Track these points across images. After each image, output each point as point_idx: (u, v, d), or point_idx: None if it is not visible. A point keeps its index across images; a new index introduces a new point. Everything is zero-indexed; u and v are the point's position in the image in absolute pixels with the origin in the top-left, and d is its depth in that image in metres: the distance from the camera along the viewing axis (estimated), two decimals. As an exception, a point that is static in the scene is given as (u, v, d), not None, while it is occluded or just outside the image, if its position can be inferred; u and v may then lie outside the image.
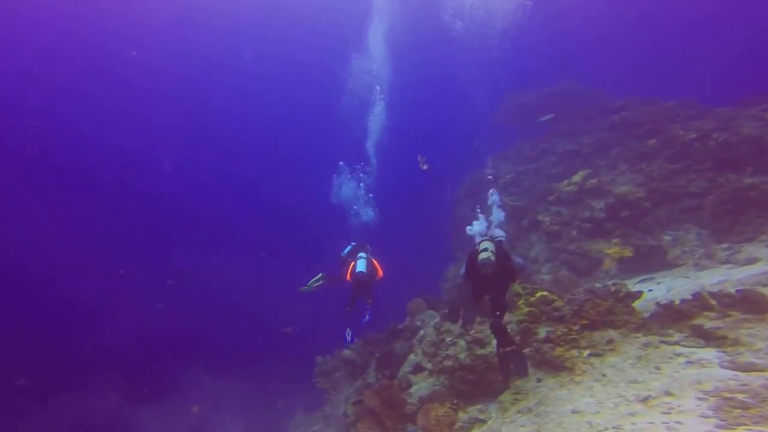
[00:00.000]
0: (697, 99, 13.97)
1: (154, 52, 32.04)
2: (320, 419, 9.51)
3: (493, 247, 5.49)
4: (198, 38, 33.05)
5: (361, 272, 8.36)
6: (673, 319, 5.86)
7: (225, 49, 34.83)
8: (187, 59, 34.47)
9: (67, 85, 31.27)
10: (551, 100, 18.42)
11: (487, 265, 5.29)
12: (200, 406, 11.96)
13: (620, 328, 6.16)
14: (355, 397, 8.74)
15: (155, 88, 34.47)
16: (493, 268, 5.31)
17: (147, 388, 13.28)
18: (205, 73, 36.39)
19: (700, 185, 11.07)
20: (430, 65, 33.07)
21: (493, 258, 5.31)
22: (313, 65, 36.42)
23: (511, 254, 5.75)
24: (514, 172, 16.63)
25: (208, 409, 12.02)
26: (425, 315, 9.45)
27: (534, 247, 12.85)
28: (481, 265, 5.32)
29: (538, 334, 6.58)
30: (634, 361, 5.47)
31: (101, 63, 31.51)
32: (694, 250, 9.87)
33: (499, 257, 5.41)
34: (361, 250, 9.01)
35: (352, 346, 9.82)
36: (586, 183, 12.56)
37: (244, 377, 13.59)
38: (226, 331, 19.96)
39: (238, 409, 11.95)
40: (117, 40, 30.61)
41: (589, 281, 10.55)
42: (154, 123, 36.08)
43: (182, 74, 35.61)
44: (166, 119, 36.80)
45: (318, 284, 9.57)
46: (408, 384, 7.71)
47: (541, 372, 6.00)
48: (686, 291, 7.26)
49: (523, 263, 5.95)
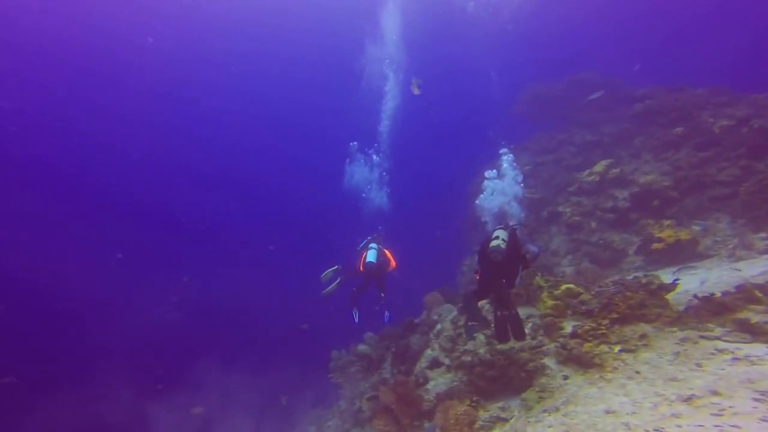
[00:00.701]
0: (729, 86, 13.11)
1: (162, 40, 31.48)
2: (335, 414, 9.17)
3: (506, 235, 5.46)
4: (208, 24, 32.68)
5: (371, 262, 8.03)
6: (714, 313, 5.33)
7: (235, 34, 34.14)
8: (198, 45, 33.84)
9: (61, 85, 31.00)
10: (570, 90, 17.68)
11: (496, 252, 5.26)
12: (205, 406, 11.74)
13: (653, 322, 5.64)
14: (370, 392, 8.40)
15: (160, 75, 34.01)
16: (502, 256, 5.27)
17: (160, 385, 13.12)
18: (209, 61, 35.62)
19: (731, 173, 10.36)
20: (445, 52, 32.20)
21: (503, 246, 5.28)
22: (328, 51, 35.57)
23: (527, 242, 5.69)
24: (532, 164, 16.05)
25: (220, 405, 11.81)
26: (442, 309, 9.04)
27: (554, 239, 12.29)
28: (491, 252, 5.30)
29: (564, 328, 6.10)
30: (672, 358, 4.96)
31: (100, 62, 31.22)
32: (726, 240, 9.20)
33: (510, 245, 5.37)
34: (375, 241, 8.63)
35: (367, 341, 9.47)
36: (609, 172, 11.93)
37: (258, 373, 13.38)
38: (242, 327, 19.83)
39: (250, 404, 11.71)
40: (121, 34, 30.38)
41: (613, 273, 10.02)
42: (159, 111, 35.82)
43: (190, 59, 34.81)
44: (173, 110, 36.54)
45: (336, 283, 9.17)
46: (425, 380, 7.31)
47: (568, 369, 5.52)
48: (724, 283, 6.68)
49: (538, 251, 5.75)
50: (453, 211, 19.78)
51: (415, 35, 18.70)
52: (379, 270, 8.15)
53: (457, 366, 7.07)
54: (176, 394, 12.26)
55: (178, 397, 12.18)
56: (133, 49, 30.75)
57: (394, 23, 15.88)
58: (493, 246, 5.31)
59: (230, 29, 32.38)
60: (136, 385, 13.45)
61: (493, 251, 5.28)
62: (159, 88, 34.53)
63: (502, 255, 5.25)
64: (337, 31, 31.54)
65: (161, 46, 31.10)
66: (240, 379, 12.68)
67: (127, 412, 12.02)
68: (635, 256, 10.17)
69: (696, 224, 10.34)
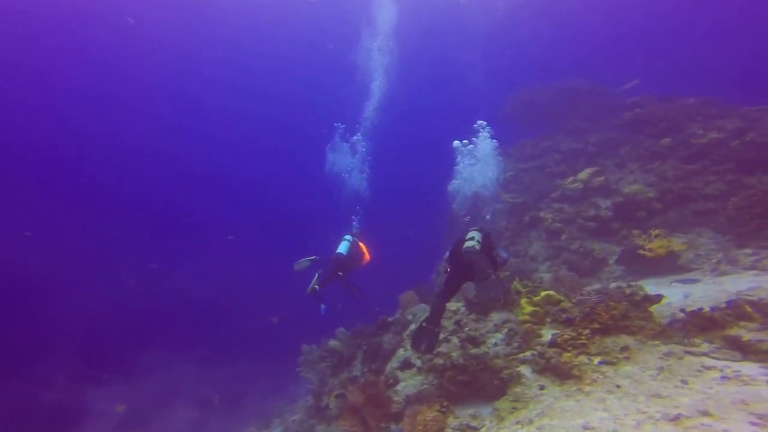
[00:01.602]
0: (721, 98, 12.97)
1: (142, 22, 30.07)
2: (301, 409, 8.68)
3: (480, 236, 5.43)
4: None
5: (340, 254, 7.58)
6: (701, 328, 5.00)
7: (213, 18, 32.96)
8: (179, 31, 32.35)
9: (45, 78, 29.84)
10: (558, 96, 17.48)
11: (470, 253, 5.20)
12: (148, 397, 11.09)
13: (636, 334, 5.30)
14: (338, 389, 7.93)
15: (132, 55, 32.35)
16: (475, 257, 5.17)
17: (106, 374, 12.37)
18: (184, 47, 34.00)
19: (718, 187, 10.20)
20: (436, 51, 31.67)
21: (477, 247, 5.25)
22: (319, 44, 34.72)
23: (498, 246, 5.69)
24: (516, 170, 15.78)
25: (165, 397, 11.17)
26: (417, 308, 8.62)
27: (533, 245, 11.98)
28: (465, 253, 5.25)
29: (542, 336, 5.72)
30: (655, 373, 4.61)
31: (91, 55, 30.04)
32: (709, 255, 8.99)
33: (484, 247, 5.35)
34: (352, 234, 8.18)
35: (339, 336, 9.00)
36: (593, 181, 11.68)
37: (217, 365, 12.78)
38: (209, 318, 19.12)
39: (199, 397, 11.11)
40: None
41: (591, 282, 9.73)
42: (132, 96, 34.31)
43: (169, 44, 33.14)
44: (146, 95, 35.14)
45: (309, 262, 8.65)
46: (395, 380, 6.87)
47: (545, 379, 5.13)
48: (709, 297, 6.41)
49: (507, 257, 5.76)
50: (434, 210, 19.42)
51: (408, 28, 18.20)
52: (350, 263, 7.72)
53: (428, 369, 6.64)
54: (121, 384, 11.58)
55: (121, 386, 11.49)
56: (107, 31, 29.43)
57: (386, 15, 15.38)
58: (467, 246, 5.27)
59: (210, 15, 31.30)
60: (79, 372, 12.69)
61: (467, 252, 5.23)
62: (134, 71, 33.10)
63: (475, 256, 5.16)
64: (330, 27, 30.85)
65: (140, 30, 29.82)
66: (194, 370, 12.06)
67: (62, 401, 11.26)
68: (615, 266, 9.91)
69: (677, 237, 10.14)
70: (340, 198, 10.75)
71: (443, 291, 5.60)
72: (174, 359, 12.62)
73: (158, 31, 30.51)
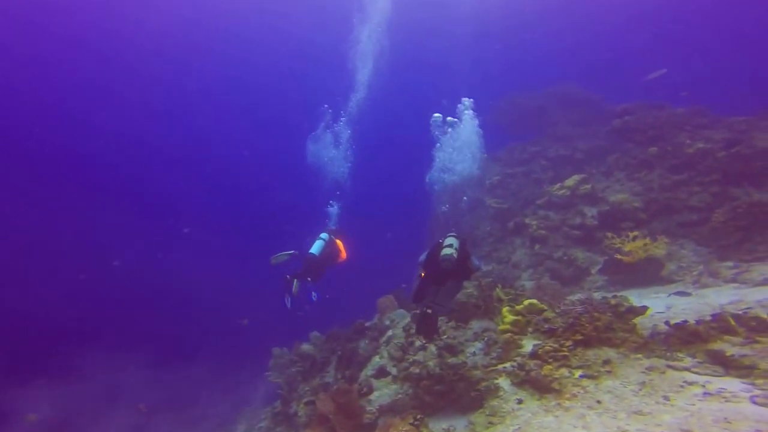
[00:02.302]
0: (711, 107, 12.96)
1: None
2: (269, 415, 8.33)
3: (458, 244, 5.44)
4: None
5: (312, 255, 7.30)
6: (685, 342, 4.84)
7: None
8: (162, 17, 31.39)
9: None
10: (548, 101, 17.43)
11: (448, 260, 5.21)
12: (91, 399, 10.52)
13: (618, 347, 5.11)
14: (309, 396, 7.62)
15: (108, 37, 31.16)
16: (452, 265, 5.24)
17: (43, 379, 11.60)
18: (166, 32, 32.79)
19: (703, 199, 10.13)
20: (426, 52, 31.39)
21: (455, 255, 5.26)
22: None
23: (472, 254, 5.70)
24: (502, 175, 15.65)
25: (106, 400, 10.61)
26: (396, 314, 8.36)
27: (517, 251, 11.83)
28: (442, 260, 5.24)
29: (523, 347, 5.50)
30: (636, 388, 4.42)
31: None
32: (691, 267, 8.91)
33: (460, 255, 5.36)
34: (328, 231, 7.89)
35: (313, 340, 8.69)
36: (580, 188, 11.57)
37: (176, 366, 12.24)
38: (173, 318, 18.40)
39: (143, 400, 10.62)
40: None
41: (574, 291, 9.59)
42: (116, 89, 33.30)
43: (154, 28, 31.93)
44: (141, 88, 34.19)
45: (287, 256, 8.30)
46: (369, 389, 6.59)
47: (524, 392, 4.90)
48: (692, 310, 6.27)
49: (480, 265, 5.82)
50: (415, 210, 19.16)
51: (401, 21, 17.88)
52: (323, 264, 7.45)
53: (404, 377, 6.38)
54: (54, 387, 10.94)
55: (54, 390, 10.86)
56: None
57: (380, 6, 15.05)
58: (445, 254, 5.26)
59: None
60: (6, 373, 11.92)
61: (445, 259, 5.23)
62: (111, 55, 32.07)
63: (452, 264, 5.21)
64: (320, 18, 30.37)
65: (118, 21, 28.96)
66: (145, 373, 11.53)
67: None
68: (598, 276, 9.79)
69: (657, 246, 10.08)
70: (320, 188, 10.43)
71: (415, 295, 5.58)
72: (122, 360, 12.03)
73: (133, 17, 29.72)
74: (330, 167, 10.77)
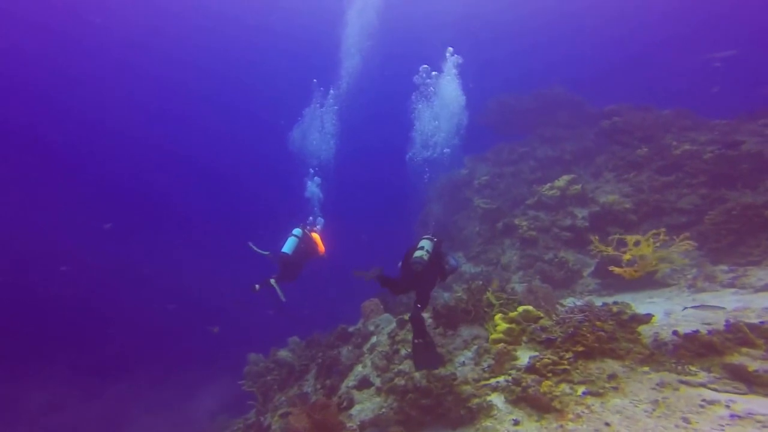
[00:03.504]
0: (695, 110, 12.70)
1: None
2: (241, 427, 7.62)
3: (430, 246, 5.53)
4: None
5: (284, 254, 6.74)
6: (697, 354, 4.31)
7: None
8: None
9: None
10: (538, 103, 17.00)
11: (418, 263, 5.32)
12: None
13: (623, 359, 4.57)
14: (285, 407, 6.95)
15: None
16: (423, 267, 5.33)
17: None
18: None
19: (691, 201, 9.76)
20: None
21: (426, 257, 5.36)
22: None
23: (448, 255, 5.85)
24: (490, 175, 15.17)
25: None
26: (381, 319, 7.73)
27: (506, 252, 11.32)
28: (413, 263, 5.35)
29: (518, 359, 4.91)
30: (650, 407, 3.86)
31: None
32: (684, 270, 8.49)
33: (433, 256, 5.47)
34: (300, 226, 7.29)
35: (291, 346, 8.01)
36: (570, 188, 11.10)
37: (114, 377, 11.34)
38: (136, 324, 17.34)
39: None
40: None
41: (565, 294, 9.11)
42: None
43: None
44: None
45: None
46: (350, 403, 5.96)
47: (520, 411, 4.32)
48: (694, 317, 5.77)
49: (456, 265, 5.96)
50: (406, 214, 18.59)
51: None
52: (299, 262, 6.86)
53: (388, 390, 5.76)
54: None
55: None
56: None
57: None
58: (416, 257, 5.34)
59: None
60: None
61: (415, 262, 5.31)
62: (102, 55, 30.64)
63: (423, 266, 5.30)
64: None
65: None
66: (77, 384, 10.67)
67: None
68: (590, 279, 9.32)
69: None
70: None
71: (393, 281, 5.63)
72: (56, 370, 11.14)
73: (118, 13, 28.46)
74: (314, 146, 10.26)
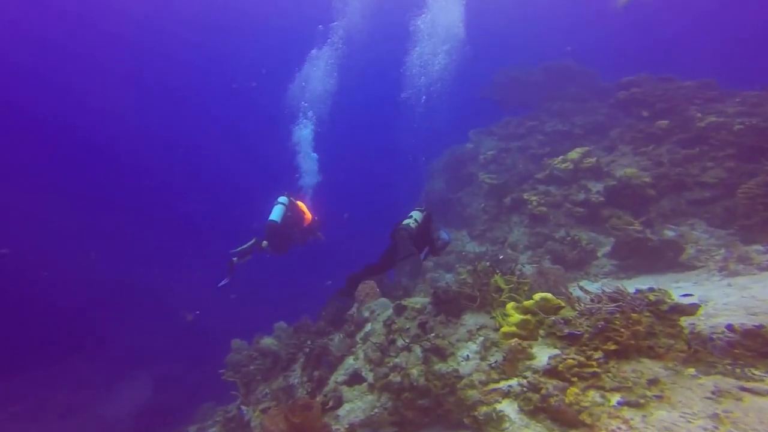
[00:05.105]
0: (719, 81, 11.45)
1: None
2: (220, 419, 6.87)
3: (420, 216, 5.50)
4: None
5: (273, 222, 6.02)
6: (761, 354, 3.36)
7: None
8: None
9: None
10: (544, 77, 15.78)
11: (403, 230, 5.25)
12: None
13: (664, 359, 3.63)
14: (268, 400, 6.15)
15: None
16: (409, 234, 5.21)
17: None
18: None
19: (716, 174, 8.71)
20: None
21: (413, 225, 5.31)
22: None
23: (440, 228, 5.74)
24: (497, 149, 14.11)
25: None
26: (377, 304, 6.80)
27: (514, 231, 10.35)
28: (400, 229, 5.29)
29: (535, 358, 3.97)
30: (710, 425, 2.93)
31: None
32: (710, 250, 7.50)
33: (422, 227, 5.39)
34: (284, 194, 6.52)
35: (277, 333, 7.18)
36: (584, 161, 10.04)
37: None
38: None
39: None
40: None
41: (579, 277, 8.16)
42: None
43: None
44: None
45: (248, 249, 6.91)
46: (337, 402, 5.10)
47: (538, 425, 3.40)
48: (737, 305, 4.80)
49: (448, 239, 5.88)
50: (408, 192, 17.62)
51: None
52: (288, 230, 6.13)
53: (381, 387, 4.89)
54: None
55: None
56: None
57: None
58: (404, 224, 5.29)
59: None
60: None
61: (402, 228, 5.25)
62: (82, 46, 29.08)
63: (409, 234, 5.20)
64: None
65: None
66: None
67: None
68: (605, 260, 8.35)
69: (669, 229, 8.64)
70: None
71: (376, 265, 5.60)
72: None
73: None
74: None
